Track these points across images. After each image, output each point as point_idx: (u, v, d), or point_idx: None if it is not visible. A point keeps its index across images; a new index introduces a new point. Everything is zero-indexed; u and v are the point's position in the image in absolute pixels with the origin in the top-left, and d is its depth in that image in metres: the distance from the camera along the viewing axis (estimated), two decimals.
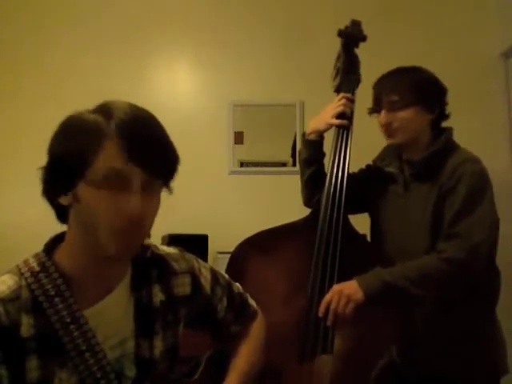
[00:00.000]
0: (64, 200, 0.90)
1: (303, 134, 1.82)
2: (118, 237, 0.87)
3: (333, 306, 1.49)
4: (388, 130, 1.64)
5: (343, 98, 1.74)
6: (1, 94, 2.98)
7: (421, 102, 1.60)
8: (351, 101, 1.74)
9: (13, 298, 0.88)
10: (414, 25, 2.99)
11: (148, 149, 0.88)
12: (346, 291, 1.48)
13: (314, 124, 1.78)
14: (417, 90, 1.60)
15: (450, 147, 1.63)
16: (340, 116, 1.72)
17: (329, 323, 1.49)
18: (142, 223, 0.89)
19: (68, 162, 0.87)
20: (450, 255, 1.47)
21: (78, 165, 0.86)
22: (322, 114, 1.76)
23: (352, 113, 1.74)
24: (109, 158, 0.85)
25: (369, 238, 1.78)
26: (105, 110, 0.89)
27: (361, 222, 1.72)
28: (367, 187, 1.77)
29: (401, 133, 1.63)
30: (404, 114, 1.60)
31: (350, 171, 1.72)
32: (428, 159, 1.60)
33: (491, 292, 1.64)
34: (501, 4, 2.97)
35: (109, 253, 0.88)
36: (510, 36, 2.85)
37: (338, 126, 1.72)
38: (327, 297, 1.51)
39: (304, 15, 3.04)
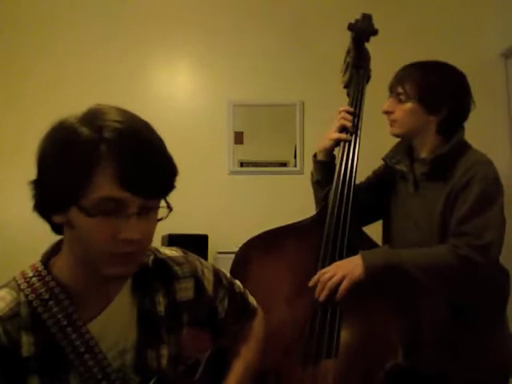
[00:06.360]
0: (57, 219, 0.86)
1: (314, 155, 1.78)
2: (116, 261, 0.85)
3: (323, 279, 1.47)
4: (388, 119, 1.66)
5: (342, 111, 1.72)
6: (1, 95, 2.98)
7: (421, 101, 1.59)
8: (350, 113, 1.72)
9: (11, 316, 0.85)
10: (414, 25, 2.99)
11: (144, 173, 0.82)
12: (345, 268, 1.47)
13: (321, 142, 1.76)
14: (420, 88, 1.59)
15: (462, 147, 1.61)
16: (342, 130, 1.69)
17: (320, 298, 1.47)
18: (140, 245, 0.86)
19: (59, 187, 0.83)
20: (466, 253, 1.45)
21: (70, 191, 0.81)
22: (328, 131, 1.74)
23: (358, 119, 1.72)
24: (103, 185, 0.80)
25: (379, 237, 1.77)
26: (96, 123, 0.82)
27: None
28: (379, 193, 1.76)
29: (397, 125, 1.64)
30: (403, 108, 1.62)
31: (360, 178, 1.72)
32: (439, 158, 1.59)
33: (500, 292, 1.64)
34: (501, 4, 2.97)
35: (109, 275, 0.86)
36: (510, 36, 2.86)
37: (339, 140, 1.70)
38: (322, 271, 1.50)
39: (304, 15, 3.04)
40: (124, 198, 0.81)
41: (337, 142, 1.71)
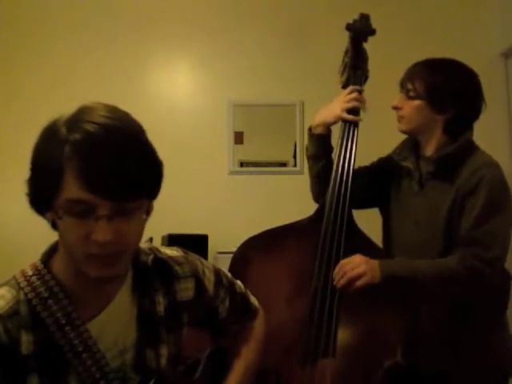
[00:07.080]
0: (48, 216, 0.86)
1: (309, 129, 1.77)
2: (93, 262, 0.83)
3: (346, 268, 1.47)
4: (397, 114, 1.66)
5: (354, 90, 1.70)
6: (1, 95, 2.98)
7: (428, 100, 1.60)
8: (361, 93, 1.71)
9: (11, 314, 0.85)
10: (413, 25, 2.99)
11: (111, 176, 0.79)
12: (367, 265, 1.47)
13: (320, 116, 1.73)
14: (428, 86, 1.59)
15: (469, 148, 1.61)
16: (351, 111, 1.68)
17: (338, 285, 1.48)
18: (118, 248, 0.83)
19: (39, 186, 0.84)
20: (474, 265, 1.47)
21: (45, 191, 0.82)
22: (331, 106, 1.72)
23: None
24: (70, 187, 0.79)
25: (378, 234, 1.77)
26: (75, 123, 0.82)
27: (363, 221, 1.71)
28: (381, 180, 1.75)
29: (404, 122, 1.65)
30: (411, 104, 1.62)
31: (360, 165, 1.72)
32: (445, 158, 1.59)
33: (502, 293, 1.64)
34: (501, 4, 2.97)
35: (90, 276, 0.85)
36: (510, 36, 2.86)
37: (349, 122, 1.69)
38: (345, 260, 1.50)
39: (304, 15, 3.04)
40: (91, 201, 0.79)
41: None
